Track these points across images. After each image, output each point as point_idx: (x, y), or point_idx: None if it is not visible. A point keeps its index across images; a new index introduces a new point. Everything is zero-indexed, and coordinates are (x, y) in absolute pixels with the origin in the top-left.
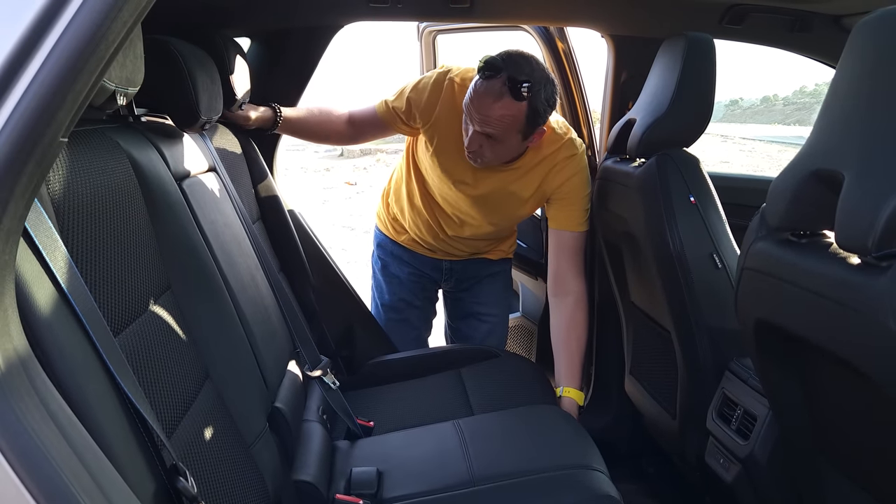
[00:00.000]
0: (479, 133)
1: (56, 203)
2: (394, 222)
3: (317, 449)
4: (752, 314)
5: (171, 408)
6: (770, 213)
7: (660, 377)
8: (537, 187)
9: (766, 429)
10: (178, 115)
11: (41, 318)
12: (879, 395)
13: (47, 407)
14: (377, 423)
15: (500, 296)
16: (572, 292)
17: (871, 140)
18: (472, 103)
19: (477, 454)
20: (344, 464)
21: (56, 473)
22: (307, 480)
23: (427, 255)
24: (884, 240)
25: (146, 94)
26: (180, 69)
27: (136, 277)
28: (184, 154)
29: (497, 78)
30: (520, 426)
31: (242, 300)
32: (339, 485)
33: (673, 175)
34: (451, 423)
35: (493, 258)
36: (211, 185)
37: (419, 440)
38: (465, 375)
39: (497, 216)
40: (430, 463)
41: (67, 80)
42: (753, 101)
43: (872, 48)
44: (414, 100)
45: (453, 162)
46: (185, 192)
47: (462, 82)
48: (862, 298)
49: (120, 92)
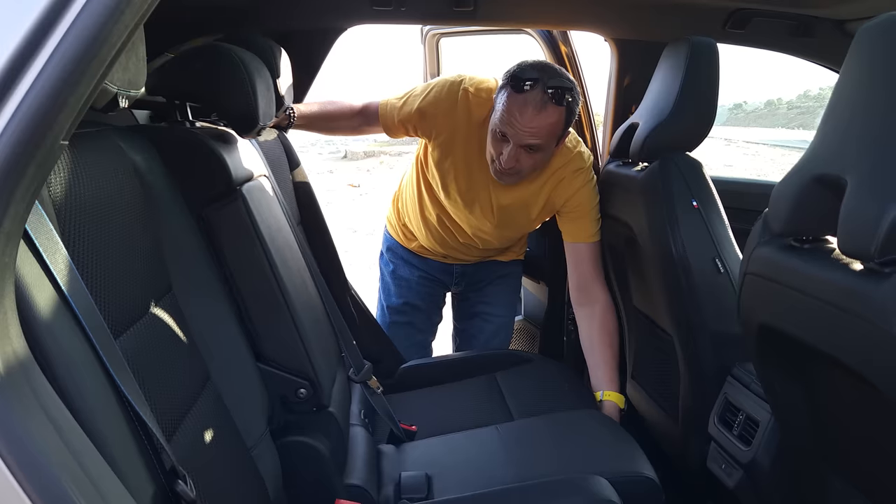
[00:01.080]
0: (520, 147)
1: (57, 206)
2: (404, 228)
3: (363, 453)
4: (754, 319)
5: (172, 410)
6: (773, 219)
7: (661, 381)
8: (546, 200)
9: (768, 434)
10: (237, 121)
11: (41, 321)
12: (882, 400)
13: (46, 410)
14: (418, 427)
15: (507, 297)
16: (599, 300)
17: (873, 146)
18: (514, 119)
19: (524, 460)
20: (391, 468)
21: (55, 477)
22: (359, 485)
23: (438, 260)
24: (887, 246)
25: (204, 100)
26: (242, 77)
27: (137, 279)
28: (241, 159)
29: (535, 88)
30: (565, 432)
31: (298, 304)
32: (389, 489)
33: (676, 179)
34: (494, 427)
35: (504, 260)
36: (265, 188)
37: (464, 445)
38: (501, 380)
39: (508, 230)
40: (476, 468)
41: (68, 83)
42: (757, 104)
43: (875, 54)
44: (427, 111)
45: (468, 177)
46: (245, 196)
47: (477, 92)
48: (864, 304)
49: (122, 94)
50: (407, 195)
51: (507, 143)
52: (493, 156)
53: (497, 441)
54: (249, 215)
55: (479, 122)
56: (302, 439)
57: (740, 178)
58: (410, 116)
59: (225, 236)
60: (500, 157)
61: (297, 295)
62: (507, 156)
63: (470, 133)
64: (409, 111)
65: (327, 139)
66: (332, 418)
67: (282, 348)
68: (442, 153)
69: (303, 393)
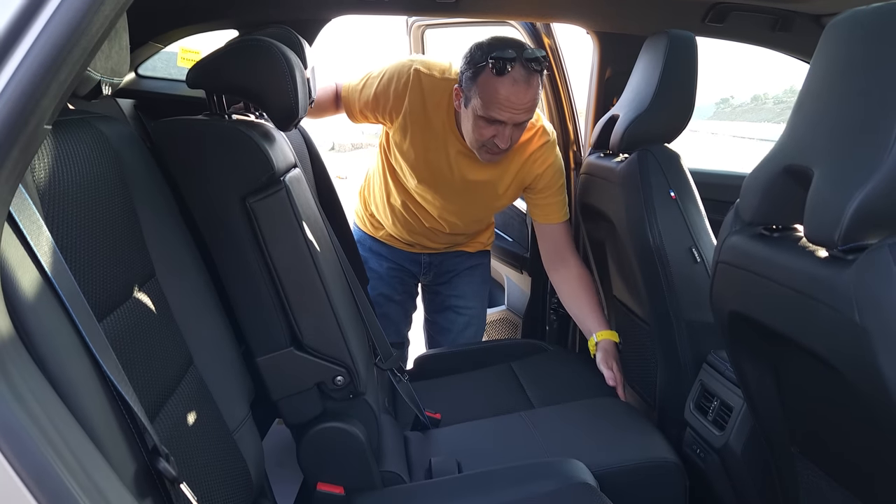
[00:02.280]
0: (514, 126)
1: (41, 190)
2: (371, 218)
3: (392, 440)
4: (725, 306)
5: (154, 392)
6: (743, 208)
7: (640, 369)
8: (514, 176)
9: (741, 419)
10: (277, 115)
11: (25, 302)
12: (846, 385)
13: (30, 387)
14: (441, 415)
15: (477, 289)
16: (573, 263)
17: (839, 137)
18: (507, 101)
19: (552, 447)
20: (420, 454)
21: (39, 450)
22: (394, 471)
23: (405, 249)
24: (849, 233)
25: (249, 94)
26: (285, 72)
27: (120, 264)
28: (281, 151)
29: (516, 66)
30: (589, 419)
31: (335, 293)
32: (419, 475)
33: (654, 170)
34: (518, 415)
35: (471, 251)
36: (301, 179)
37: (490, 431)
38: (517, 369)
39: (474, 208)
40: (505, 454)
41: (51, 69)
42: (744, 99)
43: (840, 48)
44: (381, 97)
45: (427, 157)
46: (288, 187)
47: (429, 72)
48: (828, 291)
49: (105, 82)
50: (374, 184)
51: (499, 124)
52: (480, 140)
53: (523, 428)
54: (292, 205)
55: (435, 103)
56: (340, 426)
57: (718, 170)
58: (368, 104)
59: (269, 227)
60: (495, 139)
61: (334, 283)
62: (506, 137)
63: (425, 113)
64: (367, 99)
65: (313, 130)
66: (368, 405)
67: (321, 336)
68: (401, 136)
69: (340, 380)
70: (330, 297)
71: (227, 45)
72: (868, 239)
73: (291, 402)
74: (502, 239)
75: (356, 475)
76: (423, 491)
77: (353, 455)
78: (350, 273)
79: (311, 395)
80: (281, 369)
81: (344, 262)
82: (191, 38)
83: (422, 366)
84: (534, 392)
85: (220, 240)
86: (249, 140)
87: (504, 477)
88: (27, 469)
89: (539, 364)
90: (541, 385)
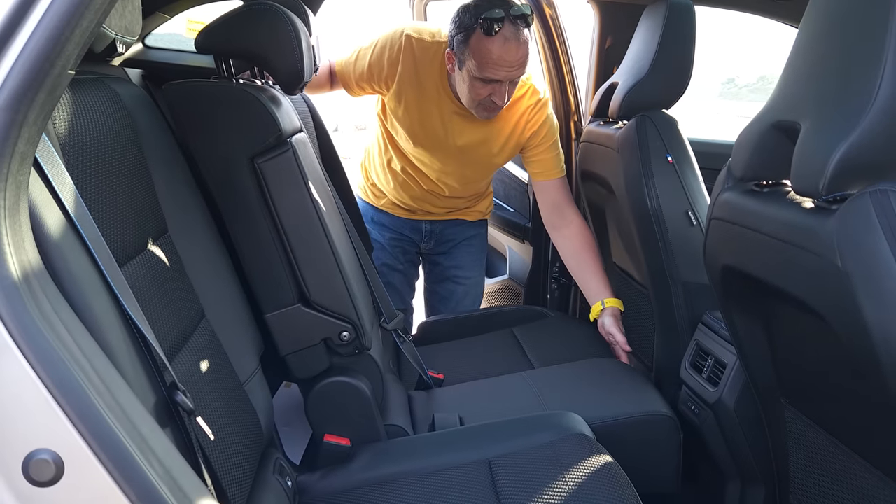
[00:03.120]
0: (510, 83)
1: (62, 140)
2: (372, 187)
3: (397, 396)
4: (718, 261)
5: (169, 339)
6: (735, 165)
7: (638, 332)
8: (509, 134)
9: (734, 375)
10: (284, 78)
11: (51, 240)
12: (831, 333)
13: (60, 315)
14: (445, 376)
15: (475, 258)
16: (574, 221)
17: (824, 93)
18: (501, 61)
19: (551, 403)
20: (424, 411)
21: (68, 371)
22: (397, 424)
23: (407, 216)
24: (833, 183)
25: (257, 58)
26: (291, 36)
27: (135, 217)
28: (288, 113)
29: (505, 22)
30: (587, 377)
31: (341, 251)
32: (423, 430)
33: (652, 135)
34: (519, 374)
35: (471, 220)
36: (306, 142)
37: (492, 390)
38: (519, 333)
39: (471, 168)
40: (505, 410)
41: (75, 15)
42: (750, 80)
43: (828, 9)
44: (375, 66)
45: (422, 119)
46: (295, 147)
47: (420, 36)
48: (814, 239)
49: (120, 40)
50: (374, 153)
51: (496, 83)
52: (477, 100)
53: (523, 386)
54: (299, 165)
55: (427, 65)
56: (346, 380)
57: (716, 140)
58: (363, 75)
59: (276, 186)
60: (493, 97)
61: (340, 243)
62: (503, 94)
63: (418, 77)
64: (361, 70)
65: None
66: (373, 361)
67: (328, 292)
68: (396, 102)
69: (346, 336)
70: (336, 254)
71: (236, 9)
72: (851, 188)
73: (299, 358)
74: (504, 209)
75: (361, 428)
76: (425, 442)
77: (359, 408)
78: (355, 236)
79: (318, 350)
80: (289, 325)
81: (349, 225)
82: (197, 8)
83: (425, 331)
84: (535, 354)
85: (230, 199)
86: (257, 101)
87: (503, 429)
88: (57, 385)
89: (540, 329)
90: (542, 348)
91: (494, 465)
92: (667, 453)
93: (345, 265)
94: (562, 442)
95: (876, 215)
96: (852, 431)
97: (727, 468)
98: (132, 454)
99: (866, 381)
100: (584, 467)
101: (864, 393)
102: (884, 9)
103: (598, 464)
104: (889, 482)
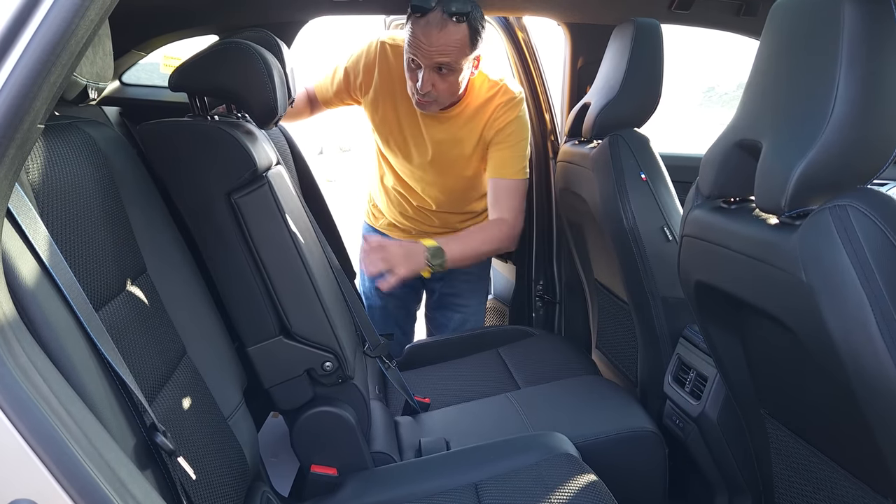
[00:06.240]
0: (431, 69)
1: (35, 189)
2: (374, 208)
3: (382, 423)
4: (692, 277)
5: (150, 380)
6: (702, 183)
7: (622, 348)
8: (480, 133)
9: (715, 388)
10: (258, 114)
11: (26, 289)
12: (801, 344)
13: (35, 365)
14: (431, 399)
15: (474, 286)
16: (504, 220)
17: (783, 110)
18: (419, 42)
19: (537, 423)
20: (410, 436)
21: (45, 419)
22: (383, 451)
23: (403, 237)
24: (794, 200)
25: (230, 95)
26: (263, 73)
27: (112, 259)
28: (262, 148)
29: (435, 11)
30: (572, 395)
31: (321, 282)
32: (409, 455)
33: (625, 154)
34: (504, 395)
35: None
36: (283, 175)
37: (477, 412)
38: (504, 354)
39: (451, 176)
40: (492, 431)
41: (42, 72)
42: (729, 87)
43: (784, 26)
44: (351, 72)
45: (399, 125)
46: (271, 182)
47: (394, 43)
48: (779, 254)
49: (91, 86)
50: (373, 172)
51: (420, 68)
52: (412, 88)
53: (509, 407)
54: (275, 199)
55: (401, 70)
56: (331, 409)
57: (686, 153)
58: (340, 83)
59: (254, 220)
60: (417, 84)
61: (319, 273)
62: (422, 80)
63: (393, 83)
64: (339, 80)
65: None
66: (357, 389)
67: (309, 323)
68: (373, 110)
69: (328, 366)
70: (315, 285)
71: (207, 48)
72: (812, 204)
73: (283, 389)
74: None
75: (348, 456)
76: (412, 468)
77: (344, 437)
78: (335, 265)
79: (302, 381)
80: (271, 358)
81: (329, 254)
82: (172, 45)
83: (413, 355)
84: (520, 374)
85: (208, 235)
86: (231, 138)
87: (489, 452)
88: (34, 436)
89: (525, 348)
90: (527, 367)
91: (481, 488)
92: (652, 469)
93: (324, 295)
94: (547, 462)
95: (836, 230)
96: (830, 442)
97: (714, 480)
98: (111, 499)
99: (837, 391)
100: (569, 487)
101: (837, 404)
102: (834, 29)
103: (583, 483)
104: (869, 491)
